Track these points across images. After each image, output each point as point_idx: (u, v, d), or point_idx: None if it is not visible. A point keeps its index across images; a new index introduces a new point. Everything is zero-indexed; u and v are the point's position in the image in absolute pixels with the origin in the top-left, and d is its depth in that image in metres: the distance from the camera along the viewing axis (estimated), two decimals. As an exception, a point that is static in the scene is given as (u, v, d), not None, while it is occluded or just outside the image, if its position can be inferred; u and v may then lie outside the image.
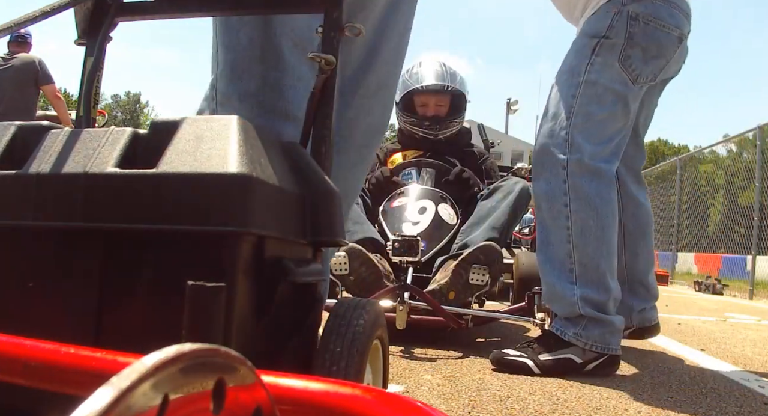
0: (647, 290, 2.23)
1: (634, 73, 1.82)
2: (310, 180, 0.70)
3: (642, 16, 1.80)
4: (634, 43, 1.80)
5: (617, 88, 1.82)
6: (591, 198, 1.78)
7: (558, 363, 1.76)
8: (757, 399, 1.58)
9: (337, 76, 0.82)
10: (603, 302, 1.80)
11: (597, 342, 1.78)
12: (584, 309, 1.77)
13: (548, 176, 1.83)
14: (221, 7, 0.98)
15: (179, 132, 0.61)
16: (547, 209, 1.84)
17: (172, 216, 0.57)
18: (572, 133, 1.79)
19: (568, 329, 1.80)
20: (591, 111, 1.80)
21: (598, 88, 1.81)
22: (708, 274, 9.19)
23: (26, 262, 0.62)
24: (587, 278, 1.79)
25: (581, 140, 1.79)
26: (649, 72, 1.85)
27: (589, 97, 1.80)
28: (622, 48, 1.80)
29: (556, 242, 1.82)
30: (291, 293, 0.69)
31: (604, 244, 1.80)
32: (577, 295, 1.78)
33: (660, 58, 1.85)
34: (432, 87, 2.78)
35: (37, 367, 0.43)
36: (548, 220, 1.84)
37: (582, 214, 1.78)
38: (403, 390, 1.45)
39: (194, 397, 0.30)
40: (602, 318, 1.79)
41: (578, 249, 1.79)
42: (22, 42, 4.87)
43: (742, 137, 9.19)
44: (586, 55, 1.83)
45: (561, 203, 1.80)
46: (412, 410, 0.40)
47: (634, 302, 2.20)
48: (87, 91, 0.88)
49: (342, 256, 2.06)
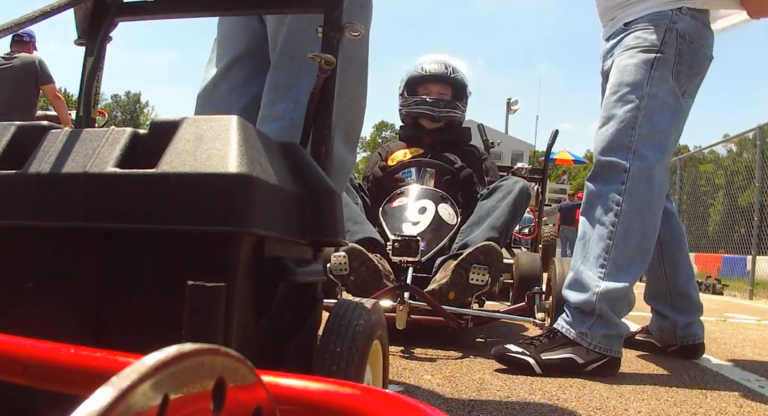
0: (690, 302, 2.18)
1: (682, 89, 1.94)
2: (310, 180, 0.70)
3: (688, 35, 1.92)
4: (682, 60, 1.91)
5: (671, 102, 1.93)
6: (642, 205, 1.86)
7: (559, 363, 1.76)
8: (757, 399, 1.58)
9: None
10: (620, 302, 1.83)
11: (600, 343, 1.79)
12: (600, 304, 1.80)
13: (607, 178, 1.91)
14: (221, 7, 0.98)
15: (179, 132, 0.61)
16: (598, 207, 1.91)
17: (172, 216, 0.57)
18: (636, 142, 1.89)
19: (574, 327, 1.81)
20: (654, 122, 1.90)
21: (658, 101, 1.91)
22: (708, 274, 9.18)
23: (26, 262, 0.62)
24: (616, 277, 1.83)
25: (644, 149, 1.88)
26: (692, 88, 1.97)
27: (653, 109, 1.90)
28: (674, 64, 1.91)
29: (596, 238, 1.88)
30: (291, 293, 0.69)
31: (641, 251, 1.87)
32: (600, 288, 1.81)
33: (699, 75, 1.97)
34: (435, 71, 2.88)
35: (37, 367, 0.43)
36: (596, 217, 1.91)
37: (630, 217, 1.85)
38: (403, 390, 1.45)
39: (194, 397, 0.30)
40: (612, 319, 1.81)
41: (617, 249, 1.84)
42: (27, 42, 4.87)
43: (742, 137, 9.18)
44: (646, 69, 1.93)
45: (614, 202, 1.87)
46: (412, 410, 0.40)
47: (678, 318, 2.15)
48: (87, 91, 0.88)
49: (342, 256, 2.06)
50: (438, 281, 2.09)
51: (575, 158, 20.30)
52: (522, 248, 4.96)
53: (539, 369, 1.75)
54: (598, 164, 1.96)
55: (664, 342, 2.20)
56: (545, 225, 9.85)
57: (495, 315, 2.29)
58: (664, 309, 2.17)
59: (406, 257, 2.04)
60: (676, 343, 2.16)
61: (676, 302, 2.17)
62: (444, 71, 2.88)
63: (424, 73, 2.89)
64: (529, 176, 3.67)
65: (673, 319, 2.15)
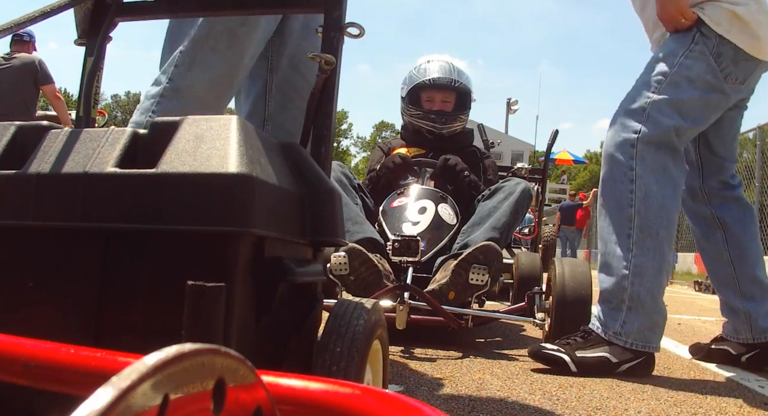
0: (762, 288, 2.00)
1: (725, 71, 1.85)
2: (310, 180, 0.70)
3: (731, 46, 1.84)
4: (724, 41, 1.83)
5: (709, 79, 1.84)
6: (656, 169, 1.80)
7: (593, 362, 1.75)
8: (757, 399, 1.58)
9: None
10: (653, 278, 1.77)
11: (637, 339, 1.75)
12: (632, 287, 1.74)
13: (618, 140, 1.85)
14: (221, 7, 0.98)
15: (179, 132, 0.61)
16: (615, 173, 1.85)
17: (172, 216, 0.57)
18: (652, 105, 1.82)
19: (607, 327, 1.79)
20: (680, 92, 1.83)
21: (692, 73, 1.84)
22: (708, 274, 9.17)
23: (26, 262, 0.62)
24: (643, 245, 1.77)
25: (660, 115, 1.81)
26: (741, 74, 1.87)
27: (681, 77, 1.84)
28: (715, 44, 1.83)
29: (616, 207, 1.83)
30: (291, 293, 0.69)
31: (664, 211, 1.80)
32: (630, 266, 1.76)
33: (750, 61, 1.86)
34: (439, 81, 2.79)
35: (37, 367, 0.43)
36: (614, 184, 1.85)
37: (646, 180, 1.80)
38: (403, 390, 1.45)
39: (194, 397, 0.30)
40: (644, 305, 1.75)
41: (639, 215, 1.79)
42: (27, 42, 4.88)
43: (742, 136, 9.20)
44: (685, 43, 1.86)
45: (627, 167, 1.81)
46: (412, 410, 0.40)
47: (750, 307, 1.98)
48: (87, 91, 0.88)
49: (342, 256, 2.05)
50: (438, 281, 2.09)
51: (575, 158, 20.32)
52: (522, 248, 4.96)
53: (574, 367, 1.73)
54: (612, 122, 1.90)
55: (742, 344, 2.03)
56: (545, 225, 9.83)
57: (495, 315, 2.29)
58: (734, 300, 2.02)
59: (406, 257, 2.04)
60: (755, 340, 1.99)
61: (745, 290, 2.00)
62: (448, 78, 2.79)
63: (428, 81, 2.79)
64: (529, 176, 3.66)
65: (745, 310, 1.99)
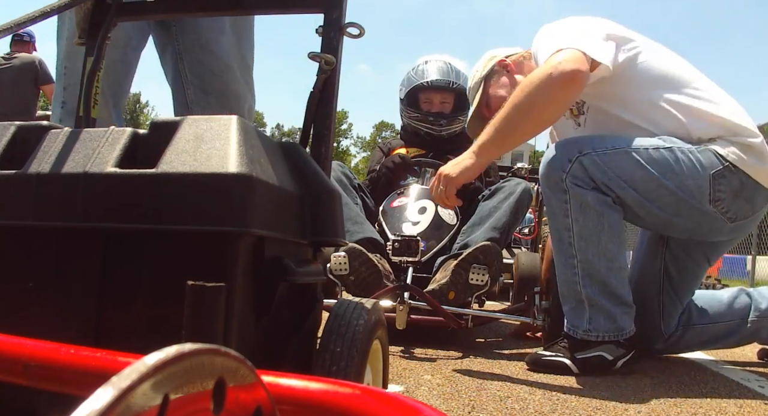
0: None
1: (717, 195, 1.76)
2: (310, 180, 0.70)
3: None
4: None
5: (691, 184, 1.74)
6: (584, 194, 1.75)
7: (592, 361, 1.75)
8: (757, 399, 1.58)
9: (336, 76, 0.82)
10: (605, 273, 1.74)
11: (609, 330, 1.75)
12: (585, 289, 1.73)
13: (554, 164, 1.77)
14: (221, 7, 0.98)
15: (179, 132, 0.61)
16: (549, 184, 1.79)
17: (172, 216, 0.57)
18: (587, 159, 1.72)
19: (577, 327, 1.79)
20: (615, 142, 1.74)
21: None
22: (708, 274, 9.18)
23: (26, 262, 0.62)
24: (587, 250, 1.74)
25: (596, 170, 1.72)
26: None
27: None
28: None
29: (555, 213, 1.79)
30: (291, 293, 0.69)
31: (603, 218, 1.74)
32: (577, 267, 1.75)
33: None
34: (437, 83, 2.79)
35: (37, 367, 0.43)
36: (548, 196, 1.80)
37: (577, 191, 1.73)
38: (403, 390, 1.45)
39: (194, 397, 0.30)
40: (604, 301, 1.74)
41: (577, 223, 1.75)
42: (27, 42, 4.88)
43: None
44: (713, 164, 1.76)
45: (561, 190, 1.75)
46: (412, 410, 0.40)
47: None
48: (87, 91, 0.88)
49: (342, 256, 2.06)
50: (438, 281, 2.09)
51: (575, 158, 20.25)
52: (522, 248, 4.95)
53: (576, 369, 1.74)
54: (562, 147, 1.80)
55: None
56: (545, 225, 9.83)
57: (495, 315, 2.29)
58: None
59: (406, 257, 2.04)
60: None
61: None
62: (446, 80, 2.79)
63: (426, 82, 2.79)
64: (529, 176, 3.66)
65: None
